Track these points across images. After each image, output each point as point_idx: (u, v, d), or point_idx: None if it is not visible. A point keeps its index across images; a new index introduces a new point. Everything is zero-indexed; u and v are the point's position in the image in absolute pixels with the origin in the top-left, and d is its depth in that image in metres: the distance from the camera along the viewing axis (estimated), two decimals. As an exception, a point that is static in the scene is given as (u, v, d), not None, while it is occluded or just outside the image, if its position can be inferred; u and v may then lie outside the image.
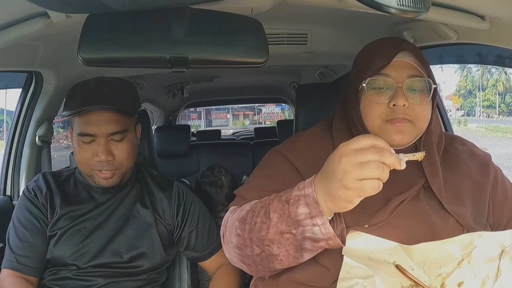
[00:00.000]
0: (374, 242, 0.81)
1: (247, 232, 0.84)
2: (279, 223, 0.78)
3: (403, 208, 0.89)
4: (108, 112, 1.13)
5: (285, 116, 16.38)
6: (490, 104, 30.11)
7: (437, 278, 0.78)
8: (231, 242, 0.89)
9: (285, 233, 0.78)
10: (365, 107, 0.92)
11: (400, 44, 0.93)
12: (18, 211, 1.21)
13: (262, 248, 0.82)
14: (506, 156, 11.99)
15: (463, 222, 0.89)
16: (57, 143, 8.63)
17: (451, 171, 0.96)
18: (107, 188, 1.21)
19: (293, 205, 0.76)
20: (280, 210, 0.79)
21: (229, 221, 0.92)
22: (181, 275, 1.38)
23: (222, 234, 0.95)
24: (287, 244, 0.79)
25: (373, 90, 0.91)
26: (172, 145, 2.80)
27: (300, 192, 0.77)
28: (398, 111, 0.88)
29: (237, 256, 0.90)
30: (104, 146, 1.14)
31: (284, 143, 1.05)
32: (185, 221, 1.28)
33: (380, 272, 0.77)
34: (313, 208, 0.74)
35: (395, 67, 0.91)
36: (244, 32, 0.81)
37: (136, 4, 0.68)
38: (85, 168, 1.18)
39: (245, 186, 1.01)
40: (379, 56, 0.92)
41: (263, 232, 0.81)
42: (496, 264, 0.79)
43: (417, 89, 0.91)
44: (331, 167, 0.71)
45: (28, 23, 0.92)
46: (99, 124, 1.13)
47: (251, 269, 0.91)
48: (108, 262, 1.19)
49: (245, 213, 0.87)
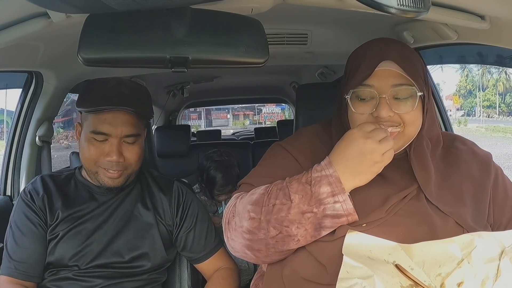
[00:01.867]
0: (373, 242, 0.82)
1: (264, 215, 0.87)
2: (300, 203, 0.84)
3: (403, 207, 0.89)
4: (126, 114, 1.15)
5: (285, 116, 16.40)
6: (490, 104, 30.11)
7: (437, 278, 0.78)
8: (240, 227, 0.90)
9: (307, 213, 0.84)
10: (351, 116, 0.94)
11: (384, 52, 0.91)
12: (15, 214, 1.21)
13: (280, 229, 0.85)
14: (506, 156, 11.99)
15: (463, 223, 0.89)
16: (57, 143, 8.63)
17: (452, 171, 0.96)
18: (111, 188, 1.20)
19: (315, 185, 0.84)
20: (302, 191, 0.85)
21: (238, 206, 0.92)
22: (181, 275, 1.38)
23: (226, 221, 0.95)
24: (307, 223, 0.84)
25: (357, 101, 0.92)
26: (172, 145, 2.80)
27: (321, 173, 0.85)
28: (382, 120, 0.88)
29: (245, 242, 0.90)
30: (117, 147, 1.14)
31: (287, 139, 1.07)
32: (183, 221, 1.28)
33: (380, 272, 0.78)
34: (336, 187, 0.83)
35: (378, 76, 0.90)
36: (244, 32, 0.81)
37: (136, 4, 0.68)
38: (91, 165, 1.18)
39: (250, 174, 1.03)
40: (363, 65, 0.91)
41: (283, 213, 0.85)
42: (496, 264, 0.79)
43: (402, 97, 0.90)
44: (357, 149, 0.83)
45: (28, 23, 0.92)
46: (115, 125, 1.14)
47: (260, 254, 0.91)
48: (109, 263, 1.18)
49: (258, 196, 0.90)
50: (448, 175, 0.96)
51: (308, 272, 0.88)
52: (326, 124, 1.06)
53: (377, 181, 0.87)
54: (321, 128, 1.06)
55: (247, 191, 0.95)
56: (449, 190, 0.93)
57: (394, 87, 0.89)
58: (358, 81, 0.90)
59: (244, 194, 0.94)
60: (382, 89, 0.89)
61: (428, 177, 0.92)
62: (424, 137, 0.95)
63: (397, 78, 0.89)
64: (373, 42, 0.96)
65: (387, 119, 0.88)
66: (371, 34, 1.31)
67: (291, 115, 5.70)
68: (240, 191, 0.99)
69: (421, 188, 0.91)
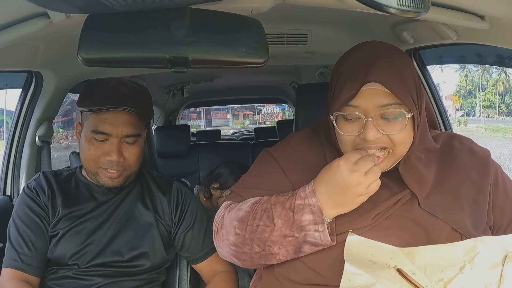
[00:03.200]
0: (375, 245, 0.81)
1: (248, 233, 0.89)
2: (283, 228, 0.86)
3: (395, 212, 0.88)
4: (127, 114, 1.15)
5: (285, 116, 16.38)
6: (490, 104, 30.09)
7: (439, 283, 0.78)
8: (227, 239, 0.93)
9: (288, 237, 0.86)
10: (338, 135, 0.91)
11: (367, 72, 0.83)
12: (18, 209, 1.21)
13: (263, 247, 0.89)
14: (506, 156, 11.99)
15: (460, 228, 0.87)
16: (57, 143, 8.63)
17: (448, 173, 0.94)
18: (110, 188, 1.21)
19: (298, 213, 0.85)
20: (284, 216, 0.86)
21: (226, 219, 0.95)
22: (181, 275, 1.38)
23: (215, 229, 0.97)
24: (288, 245, 0.87)
25: (344, 121, 0.88)
26: (172, 145, 2.80)
27: (304, 201, 0.85)
28: (369, 142, 0.85)
29: (232, 252, 0.94)
30: (117, 147, 1.15)
31: (276, 146, 1.07)
32: (181, 221, 1.28)
33: (382, 279, 0.77)
34: (317, 216, 0.84)
35: (364, 96, 0.84)
36: (244, 32, 0.81)
37: (136, 4, 0.68)
38: (91, 165, 1.18)
39: (240, 183, 1.03)
40: (347, 84, 0.85)
41: (266, 234, 0.88)
42: (499, 270, 0.78)
43: (390, 117, 0.85)
44: (342, 181, 0.82)
45: (28, 23, 0.92)
46: (116, 125, 1.14)
47: (245, 263, 0.96)
48: (109, 262, 1.18)
49: (244, 213, 0.91)
50: (445, 178, 0.93)
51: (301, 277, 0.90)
52: (317, 129, 1.04)
53: None
54: (311, 133, 1.04)
55: (236, 202, 0.97)
56: (446, 194, 0.91)
57: (381, 107, 0.84)
58: (342, 102, 0.86)
59: (233, 205, 0.96)
60: (368, 110, 0.84)
61: (421, 187, 0.90)
62: (414, 152, 0.91)
63: (384, 98, 0.84)
64: (357, 54, 0.89)
65: (375, 141, 0.85)
66: (371, 34, 1.32)
67: (291, 115, 5.70)
68: (230, 199, 1.01)
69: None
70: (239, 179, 1.05)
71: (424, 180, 0.91)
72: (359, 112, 0.85)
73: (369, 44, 0.92)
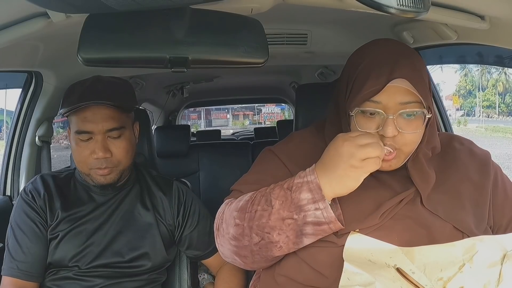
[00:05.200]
0: (374, 244, 0.81)
1: (247, 221, 0.86)
2: (281, 209, 0.82)
3: (399, 212, 0.88)
4: (105, 109, 1.14)
5: (285, 116, 16.40)
6: (490, 104, 30.11)
7: (438, 282, 0.78)
8: (227, 233, 0.90)
9: (287, 219, 0.82)
10: (353, 130, 0.89)
11: (394, 68, 0.84)
12: (15, 214, 1.20)
13: (262, 236, 0.84)
14: (506, 156, 11.99)
15: (462, 227, 0.88)
16: (57, 143, 8.63)
17: (450, 173, 0.95)
18: (105, 186, 1.20)
19: (296, 191, 0.81)
20: (282, 196, 0.83)
21: (225, 213, 0.92)
22: (181, 275, 1.38)
23: (216, 226, 0.95)
24: (288, 230, 0.82)
25: (362, 116, 0.87)
26: (172, 145, 2.80)
27: (302, 179, 0.82)
28: (386, 139, 0.84)
29: (232, 248, 0.90)
30: (101, 143, 1.14)
31: (278, 144, 1.05)
32: (186, 220, 1.28)
33: (381, 278, 0.77)
34: (316, 193, 0.80)
35: (387, 93, 0.84)
36: (244, 32, 0.81)
37: (136, 4, 0.68)
38: (83, 167, 1.18)
39: (241, 181, 1.02)
40: (370, 80, 0.84)
41: (264, 219, 0.84)
42: (498, 269, 0.78)
43: (408, 116, 0.86)
44: (335, 152, 0.80)
45: (28, 23, 0.92)
46: (96, 121, 1.13)
47: (247, 261, 0.91)
48: (109, 263, 1.19)
49: (243, 203, 0.89)
50: (446, 178, 0.94)
51: (302, 278, 0.89)
52: (320, 126, 1.03)
53: (371, 185, 0.86)
54: (315, 131, 1.03)
55: (236, 198, 0.95)
56: (447, 194, 0.91)
57: (402, 105, 0.84)
58: (364, 97, 0.85)
59: (233, 201, 0.94)
60: (390, 107, 0.84)
61: (426, 186, 0.90)
62: (422, 150, 0.91)
63: (405, 96, 0.84)
64: (380, 51, 0.89)
65: (391, 138, 0.84)
66: (371, 34, 1.31)
67: (291, 115, 5.70)
68: (230, 197, 0.99)
69: (418, 192, 0.90)
70: (241, 178, 1.03)
71: (430, 178, 0.91)
72: (380, 108, 0.85)
73: (388, 42, 0.93)
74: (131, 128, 1.23)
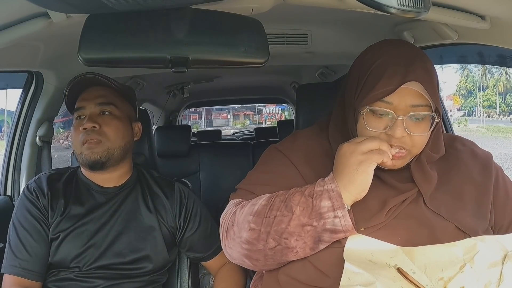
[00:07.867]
0: (375, 245, 0.81)
1: (264, 226, 0.86)
2: (301, 216, 0.84)
3: (402, 211, 0.88)
4: (100, 90, 1.21)
5: (286, 116, 16.38)
6: (490, 104, 30.10)
7: (439, 282, 0.78)
8: (239, 237, 0.89)
9: (306, 226, 0.83)
10: (361, 129, 0.90)
11: (409, 70, 0.84)
12: (18, 212, 1.20)
13: (279, 241, 0.85)
14: (506, 156, 11.98)
15: (464, 227, 0.88)
16: (58, 143, 8.62)
17: (452, 174, 0.95)
18: (94, 164, 1.16)
19: (317, 199, 0.83)
20: (303, 203, 0.84)
21: (238, 216, 0.91)
22: (182, 275, 1.38)
23: (225, 229, 0.94)
24: (306, 237, 0.84)
25: (371, 115, 0.88)
26: (172, 145, 2.80)
27: (323, 188, 0.84)
28: (394, 140, 0.85)
29: (244, 252, 0.90)
30: (90, 115, 1.18)
31: (283, 142, 1.05)
32: (187, 223, 1.28)
33: (382, 278, 0.77)
34: (336, 201, 0.82)
35: (399, 94, 0.84)
36: (245, 32, 0.81)
37: (137, 4, 0.69)
38: (77, 147, 1.18)
39: (249, 180, 1.01)
40: (383, 80, 0.84)
41: (283, 225, 0.85)
42: (499, 269, 0.78)
43: (418, 118, 0.86)
44: (339, 157, 0.85)
45: (28, 23, 0.92)
46: (90, 98, 1.20)
47: (257, 263, 0.92)
48: (110, 264, 1.18)
49: (260, 207, 0.89)
50: (449, 179, 0.94)
51: (305, 277, 0.89)
52: (324, 125, 1.03)
53: (375, 184, 0.86)
54: (318, 130, 1.03)
55: (248, 199, 0.94)
56: (450, 194, 0.92)
57: (412, 107, 0.85)
58: (376, 97, 0.85)
59: (245, 203, 0.93)
60: (400, 108, 0.85)
61: (429, 187, 0.91)
62: (426, 151, 0.92)
63: (417, 98, 0.85)
64: (394, 51, 0.89)
65: (399, 139, 0.85)
66: (371, 34, 1.31)
67: (291, 115, 5.70)
68: (239, 197, 0.98)
69: (420, 193, 0.91)
70: (246, 176, 1.02)
71: (432, 179, 0.92)
72: (390, 109, 0.85)
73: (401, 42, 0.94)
74: (126, 116, 1.24)
